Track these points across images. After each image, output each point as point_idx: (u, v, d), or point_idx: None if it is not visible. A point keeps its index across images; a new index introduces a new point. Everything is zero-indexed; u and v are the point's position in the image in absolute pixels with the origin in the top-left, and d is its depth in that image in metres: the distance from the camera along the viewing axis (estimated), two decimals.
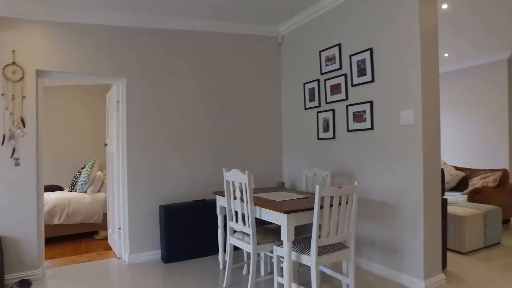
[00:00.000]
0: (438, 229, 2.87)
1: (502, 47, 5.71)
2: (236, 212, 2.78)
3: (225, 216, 3.37)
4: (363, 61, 3.21)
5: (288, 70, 4.30)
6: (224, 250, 3.29)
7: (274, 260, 2.55)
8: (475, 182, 5.10)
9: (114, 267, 3.43)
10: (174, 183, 3.76)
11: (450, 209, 3.92)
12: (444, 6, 3.87)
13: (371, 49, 3.12)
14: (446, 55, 6.04)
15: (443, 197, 3.10)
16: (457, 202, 4.48)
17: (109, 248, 4.08)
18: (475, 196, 4.70)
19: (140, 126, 3.60)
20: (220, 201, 3.21)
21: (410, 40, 2.79)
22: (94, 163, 5.03)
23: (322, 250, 2.30)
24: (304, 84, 3.99)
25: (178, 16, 3.71)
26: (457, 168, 5.77)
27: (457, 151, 6.79)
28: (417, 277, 2.76)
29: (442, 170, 3.02)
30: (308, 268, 3.01)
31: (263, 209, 2.54)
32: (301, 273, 3.09)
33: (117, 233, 3.65)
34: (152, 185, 3.64)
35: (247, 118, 4.21)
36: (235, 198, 2.72)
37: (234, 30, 4.11)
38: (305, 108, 4.00)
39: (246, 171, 2.48)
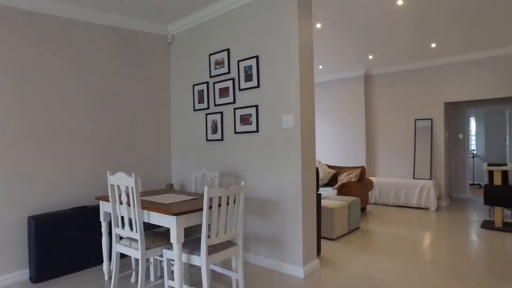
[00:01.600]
0: (314, 220, 3.26)
1: (361, 66, 6.82)
2: (122, 218, 2.63)
3: (110, 223, 3.14)
4: (250, 67, 3.42)
5: (178, 70, 4.26)
6: (110, 259, 3.06)
7: (164, 264, 2.50)
8: (342, 178, 5.94)
9: None
10: (47, 190, 3.31)
11: (323, 202, 4.50)
12: (318, 25, 4.42)
13: (257, 57, 3.35)
14: (320, 67, 6.89)
15: (318, 192, 3.54)
16: (329, 196, 5.15)
17: None
18: (342, 190, 5.48)
19: None
20: (104, 207, 2.97)
21: (290, 52, 3.11)
22: None
23: (212, 249, 2.37)
24: (194, 85, 4.02)
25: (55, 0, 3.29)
26: (329, 166, 6.62)
27: (329, 151, 7.80)
28: (297, 264, 3.08)
29: (317, 169, 3.45)
30: (199, 268, 3.05)
31: (151, 212, 2.46)
32: (192, 274, 3.10)
33: None
34: (17, 194, 3.13)
35: (134, 118, 4.01)
36: (121, 203, 2.57)
37: (122, 25, 3.86)
38: (194, 110, 4.03)
39: (133, 174, 2.38)
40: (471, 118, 9.05)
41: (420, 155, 6.64)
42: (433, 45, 5.43)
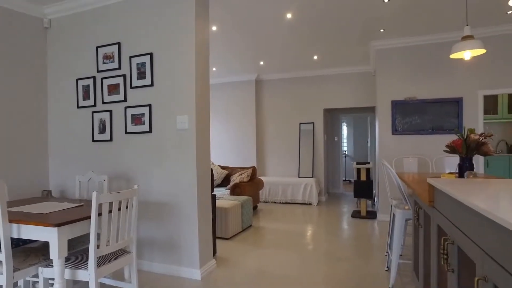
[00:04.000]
0: (210, 221, 3.28)
1: (252, 71, 7.17)
2: None
3: None
4: (143, 64, 3.24)
5: (58, 61, 3.74)
6: None
7: (41, 285, 2.16)
8: (235, 178, 6.13)
9: None
10: None
11: (218, 203, 4.56)
12: (214, 28, 4.47)
13: (151, 54, 3.19)
14: (214, 69, 6.97)
15: (213, 193, 3.58)
16: (223, 196, 5.25)
17: None
18: (235, 189, 5.65)
19: None
20: None
21: (187, 51, 3.06)
22: None
23: (102, 260, 2.16)
24: (78, 80, 3.59)
25: None
26: (222, 167, 6.74)
27: (222, 152, 7.95)
28: (194, 267, 3.05)
29: (212, 170, 3.48)
30: (86, 283, 2.74)
31: (23, 225, 2.10)
32: None
33: None
34: None
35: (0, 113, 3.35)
36: None
37: None
38: (78, 107, 3.61)
39: None
40: (343, 123, 10.43)
41: (304, 156, 7.34)
42: (315, 57, 6.07)
